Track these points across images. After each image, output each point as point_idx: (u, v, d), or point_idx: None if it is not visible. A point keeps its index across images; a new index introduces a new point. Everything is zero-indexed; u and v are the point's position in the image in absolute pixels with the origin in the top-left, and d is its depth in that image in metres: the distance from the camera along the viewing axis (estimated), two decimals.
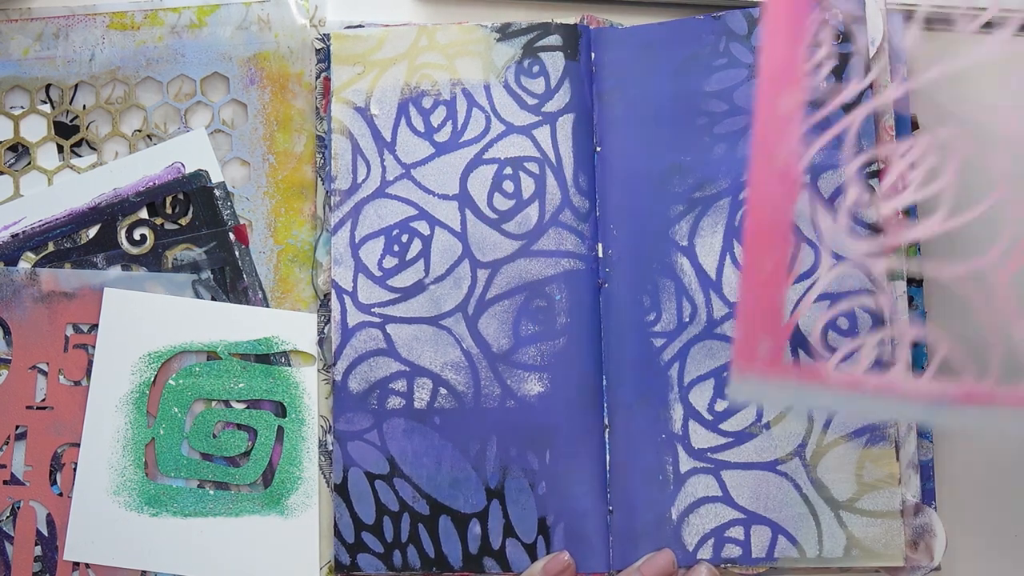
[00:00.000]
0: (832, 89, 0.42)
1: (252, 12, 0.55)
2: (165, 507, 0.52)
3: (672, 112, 0.53)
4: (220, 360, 0.53)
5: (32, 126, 0.55)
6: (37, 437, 0.52)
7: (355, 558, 0.51)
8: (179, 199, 0.54)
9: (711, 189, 0.52)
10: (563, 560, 0.49)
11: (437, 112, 0.53)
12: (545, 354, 0.51)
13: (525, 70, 0.53)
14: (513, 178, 0.53)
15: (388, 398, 0.52)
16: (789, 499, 0.49)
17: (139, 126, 0.55)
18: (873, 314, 0.50)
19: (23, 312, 0.53)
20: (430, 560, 0.51)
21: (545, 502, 0.50)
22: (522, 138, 0.53)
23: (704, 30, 0.53)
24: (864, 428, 0.49)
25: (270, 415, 0.53)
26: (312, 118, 0.55)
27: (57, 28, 0.55)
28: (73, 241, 0.54)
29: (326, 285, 0.53)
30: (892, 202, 0.42)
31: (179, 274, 0.53)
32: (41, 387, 0.53)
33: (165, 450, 0.52)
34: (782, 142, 0.39)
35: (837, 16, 0.52)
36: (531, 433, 0.51)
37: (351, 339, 0.52)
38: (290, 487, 0.52)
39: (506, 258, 0.52)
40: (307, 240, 0.54)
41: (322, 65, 0.55)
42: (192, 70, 0.55)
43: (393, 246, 0.53)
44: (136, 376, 0.52)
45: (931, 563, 0.49)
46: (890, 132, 0.51)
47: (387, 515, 0.51)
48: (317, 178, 0.54)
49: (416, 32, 0.54)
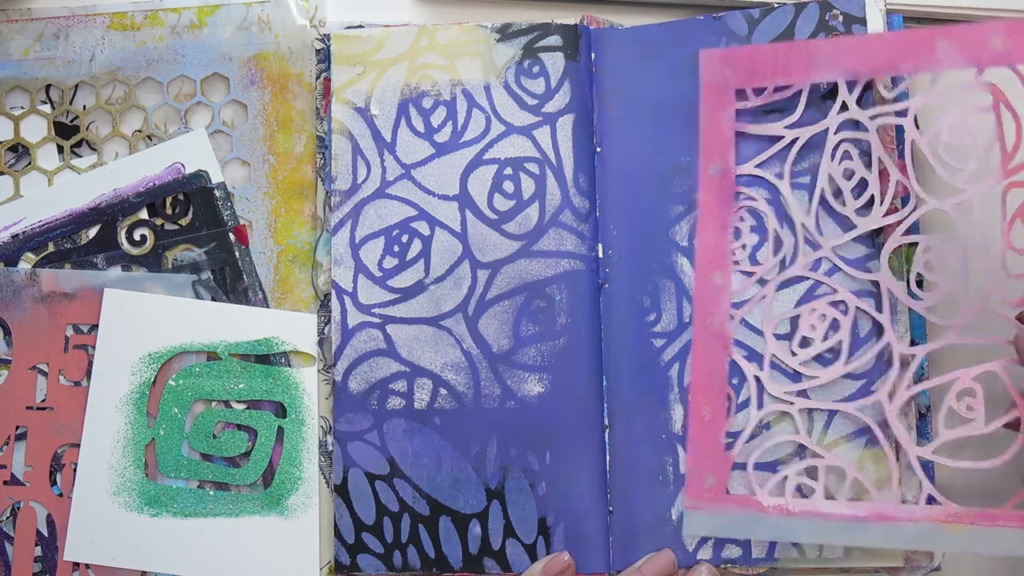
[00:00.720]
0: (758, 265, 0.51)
1: (252, 12, 0.55)
2: (165, 507, 0.52)
3: (672, 112, 0.53)
4: (220, 360, 0.53)
5: (32, 126, 0.55)
6: (37, 437, 0.52)
7: (355, 558, 0.51)
8: (179, 199, 0.54)
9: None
10: (563, 560, 0.49)
11: (437, 112, 0.53)
12: (545, 354, 0.51)
13: (525, 70, 0.53)
14: (513, 178, 0.53)
15: (388, 398, 0.52)
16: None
17: (139, 126, 0.55)
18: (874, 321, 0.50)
19: (23, 312, 0.53)
20: (430, 560, 0.51)
21: (545, 502, 0.50)
22: (522, 138, 0.53)
23: (704, 30, 0.53)
24: (864, 428, 0.49)
25: (270, 415, 0.53)
26: (312, 118, 0.55)
27: (57, 28, 0.55)
28: (73, 241, 0.54)
29: (326, 285, 0.53)
30: (802, 354, 0.50)
31: (179, 274, 0.53)
32: (41, 387, 0.53)
33: (165, 450, 0.52)
34: (716, 308, 0.50)
35: (837, 16, 0.52)
36: (531, 433, 0.51)
37: (351, 339, 0.52)
38: (290, 487, 0.52)
39: (506, 258, 0.52)
40: (307, 240, 0.54)
41: (322, 65, 0.55)
42: (192, 70, 0.55)
43: (393, 246, 0.53)
44: (136, 376, 0.52)
45: (931, 563, 0.49)
46: (890, 132, 0.51)
47: (387, 515, 0.51)
48: (317, 178, 0.54)
49: (416, 32, 0.54)
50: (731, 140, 0.50)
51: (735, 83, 0.50)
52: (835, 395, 0.49)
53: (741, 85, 0.50)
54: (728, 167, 0.50)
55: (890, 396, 0.48)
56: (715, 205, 0.50)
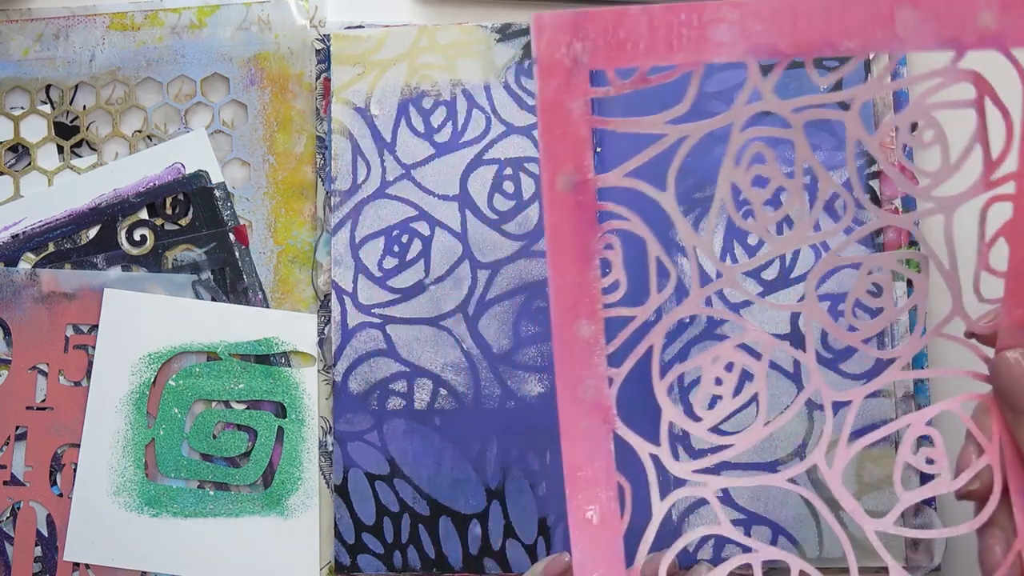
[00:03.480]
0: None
1: (252, 13, 0.55)
2: (165, 508, 0.52)
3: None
4: (220, 361, 0.53)
5: (32, 127, 0.55)
6: (37, 438, 0.52)
7: (355, 559, 0.51)
8: (179, 200, 0.54)
9: (711, 190, 0.52)
10: (564, 561, 0.49)
11: (437, 113, 0.53)
12: (545, 355, 0.51)
13: (525, 70, 0.53)
14: (513, 179, 0.53)
15: (388, 399, 0.52)
16: (789, 500, 0.49)
17: (139, 126, 0.55)
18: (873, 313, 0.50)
19: (23, 313, 0.53)
20: (430, 561, 0.51)
21: (545, 503, 0.50)
22: (522, 139, 0.53)
23: None
24: (864, 428, 0.49)
25: (270, 416, 0.53)
26: (312, 119, 0.55)
27: (57, 29, 0.55)
28: (73, 242, 0.54)
29: (326, 286, 0.53)
30: (708, 417, 0.38)
31: (179, 275, 0.53)
32: (41, 388, 0.53)
33: (165, 451, 0.52)
34: (588, 371, 0.36)
35: None
36: (531, 434, 0.51)
37: (351, 340, 0.52)
38: (290, 488, 0.52)
39: (506, 259, 0.52)
40: (307, 241, 0.54)
41: (322, 66, 0.55)
42: (192, 71, 0.55)
43: (393, 247, 0.53)
44: (136, 377, 0.52)
45: (931, 563, 0.49)
46: (890, 132, 0.51)
47: (387, 516, 0.51)
48: (317, 179, 0.54)
49: (416, 32, 0.54)
50: (587, 141, 0.35)
51: (589, 62, 0.34)
52: (759, 465, 0.42)
53: (599, 66, 0.34)
54: (585, 178, 0.35)
55: (828, 458, 0.38)
56: (570, 231, 0.35)
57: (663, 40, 0.34)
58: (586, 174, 0.35)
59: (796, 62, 0.36)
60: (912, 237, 0.51)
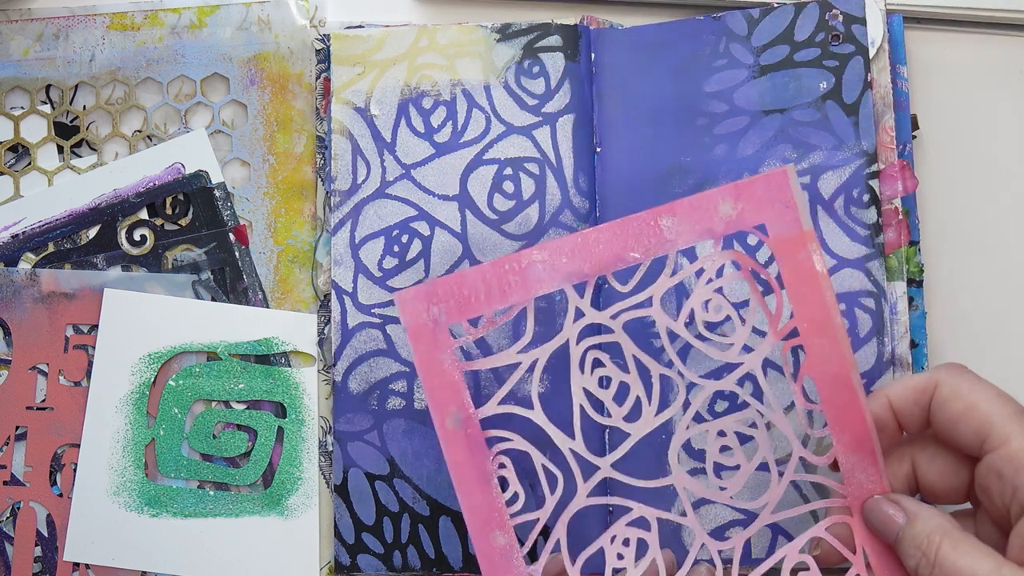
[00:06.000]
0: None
1: (252, 13, 0.55)
2: (165, 508, 0.52)
3: (672, 112, 0.53)
4: (220, 361, 0.53)
5: (32, 127, 0.55)
6: (37, 438, 0.52)
7: (355, 559, 0.51)
8: (179, 200, 0.54)
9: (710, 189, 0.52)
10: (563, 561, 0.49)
11: (437, 113, 0.53)
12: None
13: (525, 71, 0.53)
14: (513, 179, 0.53)
15: (388, 399, 0.52)
16: (789, 499, 0.49)
17: (139, 127, 0.55)
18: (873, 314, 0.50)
19: (23, 313, 0.53)
20: (430, 561, 0.51)
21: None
22: (522, 139, 0.53)
23: (704, 30, 0.53)
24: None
25: (270, 416, 0.53)
26: (312, 119, 0.55)
27: (57, 29, 0.55)
28: (73, 242, 0.54)
29: (326, 286, 0.53)
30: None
31: (179, 275, 0.53)
32: (41, 388, 0.53)
33: (165, 451, 0.52)
34: (510, 574, 0.43)
35: (837, 16, 0.52)
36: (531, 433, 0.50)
37: (351, 340, 0.52)
38: (290, 488, 0.52)
39: None
40: (307, 241, 0.54)
41: (322, 66, 0.55)
42: (192, 71, 0.55)
43: (393, 247, 0.53)
44: (136, 377, 0.52)
45: None
46: (890, 132, 0.51)
47: (387, 516, 0.51)
48: (317, 179, 0.54)
49: (416, 32, 0.54)
50: (462, 383, 0.43)
51: (446, 320, 0.43)
52: None
53: (454, 321, 0.43)
54: (468, 414, 0.43)
55: None
56: (467, 462, 0.43)
57: (497, 289, 0.43)
58: (468, 410, 0.43)
59: (599, 279, 0.44)
60: (912, 237, 0.51)
